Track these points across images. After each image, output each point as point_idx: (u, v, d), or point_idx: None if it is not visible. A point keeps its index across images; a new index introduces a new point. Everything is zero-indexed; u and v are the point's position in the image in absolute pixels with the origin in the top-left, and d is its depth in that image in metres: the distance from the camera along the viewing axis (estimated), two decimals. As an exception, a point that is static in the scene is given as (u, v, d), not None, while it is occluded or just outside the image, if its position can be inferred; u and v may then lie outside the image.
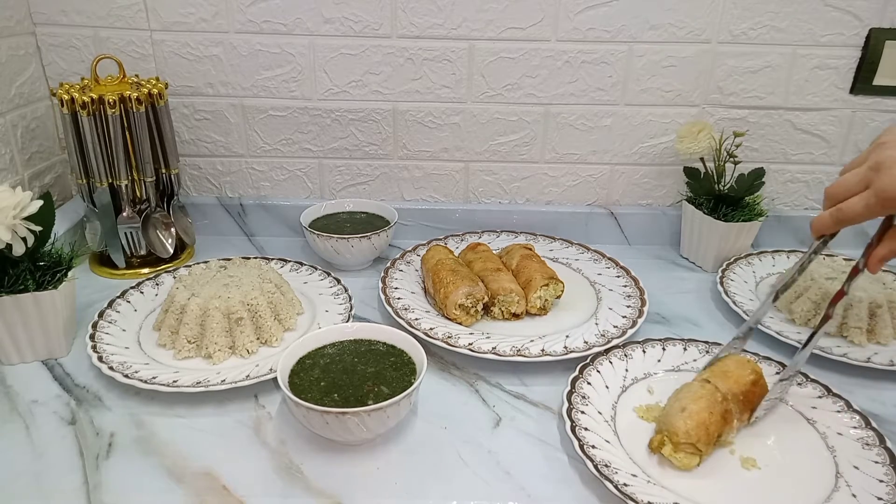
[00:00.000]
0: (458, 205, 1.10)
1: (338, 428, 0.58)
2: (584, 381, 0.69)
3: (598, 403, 0.67)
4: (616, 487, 0.54)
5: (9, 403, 0.67)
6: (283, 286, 0.82)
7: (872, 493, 0.56)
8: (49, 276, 0.72)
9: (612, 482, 0.55)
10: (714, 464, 0.60)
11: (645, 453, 0.61)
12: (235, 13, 0.96)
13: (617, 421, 0.65)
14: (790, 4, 0.96)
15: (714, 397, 0.62)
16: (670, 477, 0.58)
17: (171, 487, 0.57)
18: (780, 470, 0.60)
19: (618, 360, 0.74)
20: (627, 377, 0.72)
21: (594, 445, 0.60)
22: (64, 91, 0.85)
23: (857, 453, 0.61)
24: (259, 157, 1.06)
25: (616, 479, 0.55)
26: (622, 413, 0.67)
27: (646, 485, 0.56)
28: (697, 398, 0.62)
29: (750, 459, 0.60)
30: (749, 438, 0.64)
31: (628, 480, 0.56)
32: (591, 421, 0.64)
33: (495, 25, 0.97)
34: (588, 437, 0.61)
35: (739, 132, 0.97)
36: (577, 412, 0.64)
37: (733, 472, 0.60)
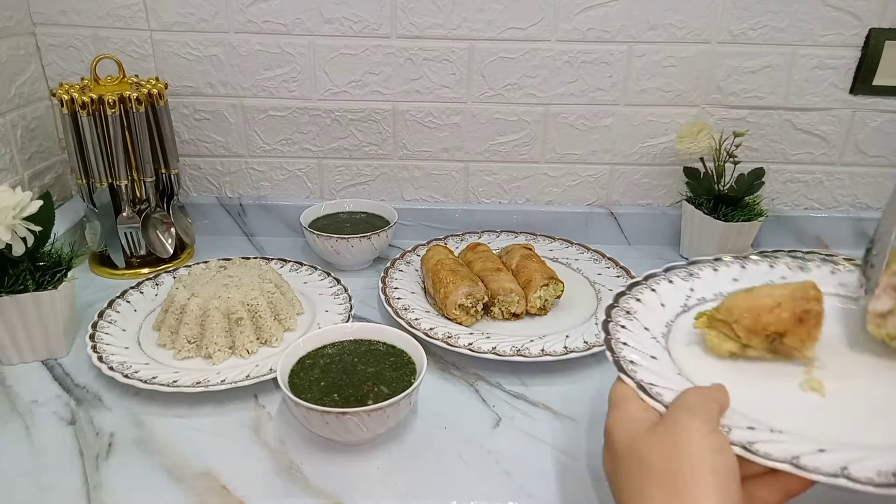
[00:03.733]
0: (458, 205, 1.10)
1: (338, 428, 0.58)
2: (632, 297, 0.56)
3: (646, 319, 0.53)
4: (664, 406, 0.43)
5: (9, 403, 0.67)
6: (283, 286, 0.82)
7: None
8: (49, 276, 0.72)
9: (661, 403, 0.44)
10: (775, 378, 0.49)
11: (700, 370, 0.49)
12: (235, 13, 0.96)
13: (670, 339, 0.53)
14: (790, 4, 0.96)
15: (802, 293, 0.49)
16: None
17: (171, 487, 0.57)
18: (851, 399, 0.46)
19: (680, 280, 0.58)
20: (692, 297, 0.57)
21: (633, 361, 0.48)
22: (64, 91, 0.85)
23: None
24: (259, 157, 1.06)
25: (664, 399, 0.44)
26: (679, 335, 0.53)
27: None
28: (777, 286, 0.51)
29: (816, 381, 0.48)
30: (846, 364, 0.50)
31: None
32: (633, 336, 0.51)
33: (495, 25, 0.97)
34: (627, 352, 0.49)
35: (739, 132, 0.97)
36: (615, 326, 0.52)
37: (789, 391, 0.48)
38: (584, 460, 0.61)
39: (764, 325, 0.48)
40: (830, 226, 1.10)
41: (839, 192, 1.10)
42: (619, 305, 0.54)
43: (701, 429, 0.39)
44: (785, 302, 0.49)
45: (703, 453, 0.38)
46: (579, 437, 0.64)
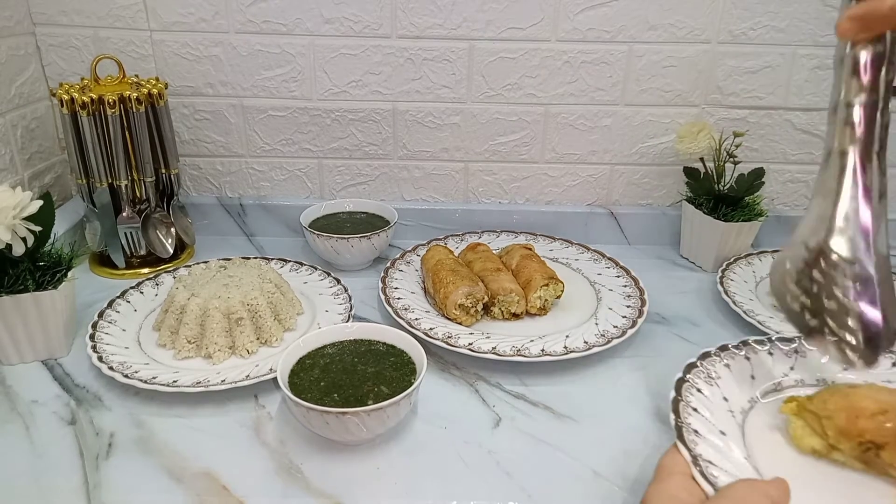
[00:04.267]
0: (458, 205, 1.10)
1: (338, 428, 0.58)
2: (721, 361, 0.51)
3: (728, 389, 0.48)
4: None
5: (9, 403, 0.67)
6: (283, 286, 0.82)
7: None
8: (49, 276, 0.72)
9: (713, 486, 0.39)
10: (861, 492, 0.44)
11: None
12: (235, 13, 0.96)
13: (749, 419, 0.48)
14: (790, 4, 0.96)
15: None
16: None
17: (171, 487, 0.57)
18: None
19: (781, 354, 0.53)
20: (790, 376, 0.52)
21: (697, 431, 0.43)
22: (64, 91, 0.85)
23: None
24: (259, 157, 1.06)
25: (717, 483, 0.39)
26: (761, 416, 0.48)
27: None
28: (887, 390, 0.46)
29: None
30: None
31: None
32: (707, 404, 0.46)
33: (495, 25, 0.97)
34: (694, 420, 0.44)
35: (739, 132, 0.97)
36: (690, 388, 0.46)
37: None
38: (584, 460, 0.61)
39: (860, 431, 0.43)
40: (830, 226, 1.10)
41: (839, 192, 1.10)
42: (702, 367, 0.49)
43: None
44: (892, 411, 0.43)
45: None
46: (579, 437, 0.64)
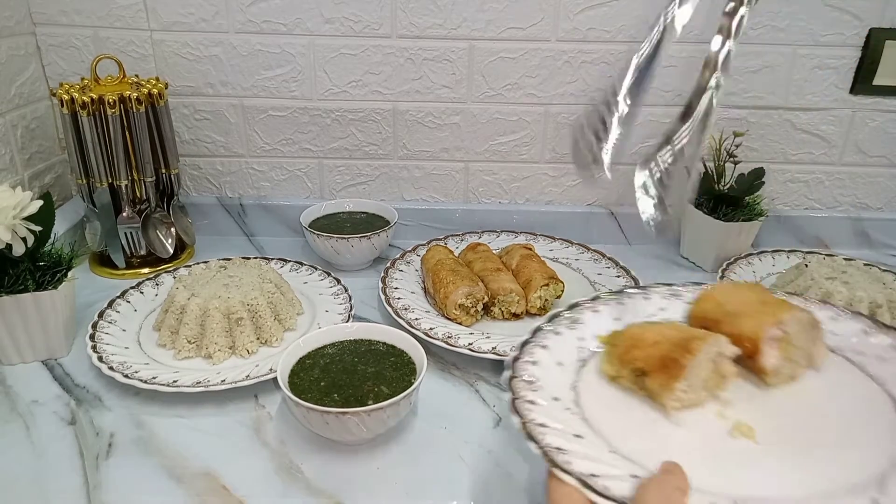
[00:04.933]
0: (458, 205, 1.10)
1: (338, 428, 0.58)
2: (527, 361, 0.49)
3: (550, 387, 0.47)
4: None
5: (9, 403, 0.67)
6: (283, 286, 0.82)
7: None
8: (49, 276, 0.72)
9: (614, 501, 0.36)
10: (700, 427, 0.45)
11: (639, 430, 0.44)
12: (235, 13, 0.96)
13: (582, 403, 0.46)
14: (790, 4, 0.96)
15: (685, 340, 0.46)
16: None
17: (171, 487, 0.57)
18: (793, 442, 0.43)
19: (566, 330, 0.53)
20: (584, 347, 0.52)
21: (560, 448, 0.40)
22: (64, 91, 0.85)
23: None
24: (259, 157, 1.06)
25: (612, 493, 0.37)
26: (587, 395, 0.47)
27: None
28: (676, 327, 0.49)
29: (743, 426, 0.44)
30: (758, 397, 0.48)
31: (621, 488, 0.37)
32: (547, 413, 0.44)
33: (495, 25, 0.97)
34: (551, 438, 0.41)
35: (739, 132, 0.97)
36: (523, 403, 0.44)
37: (722, 442, 0.44)
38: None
39: (632, 359, 0.46)
40: (830, 226, 1.10)
41: (839, 192, 1.10)
42: (518, 375, 0.47)
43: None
44: (664, 343, 0.46)
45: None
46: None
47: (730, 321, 0.48)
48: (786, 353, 0.48)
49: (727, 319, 0.49)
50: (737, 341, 0.47)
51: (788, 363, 0.48)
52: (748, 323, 0.48)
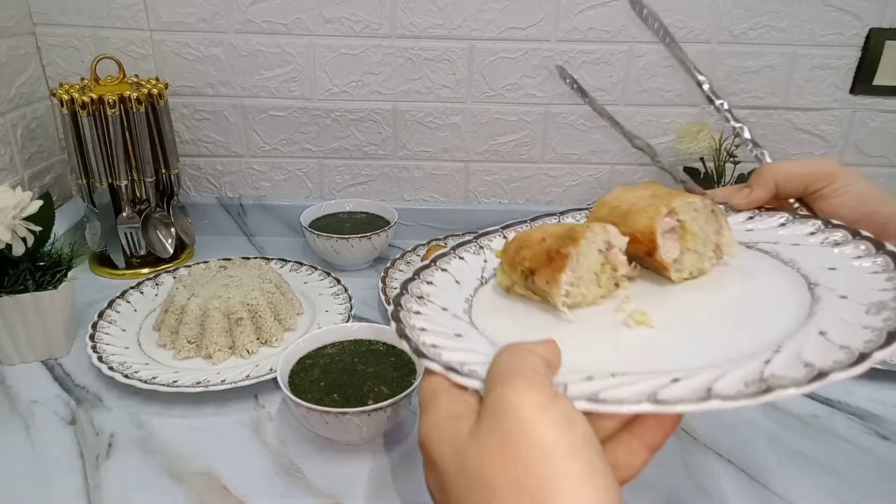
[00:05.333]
0: (458, 205, 1.10)
1: (338, 428, 0.58)
2: (422, 281, 0.46)
3: (442, 300, 0.44)
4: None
5: (9, 403, 0.67)
6: (283, 286, 0.82)
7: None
8: (49, 276, 0.72)
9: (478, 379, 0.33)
10: (596, 322, 0.42)
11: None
12: (235, 13, 0.96)
13: (474, 314, 0.44)
14: (790, 4, 0.96)
15: (570, 231, 0.43)
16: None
17: (171, 487, 0.57)
18: (693, 325, 0.41)
19: (471, 255, 0.50)
20: (487, 268, 0.49)
21: (435, 345, 0.37)
22: (64, 91, 0.85)
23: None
24: (259, 157, 1.06)
25: (480, 374, 0.34)
26: (482, 308, 0.45)
27: None
28: (562, 225, 0.45)
29: (640, 314, 0.41)
30: (663, 294, 0.45)
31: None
32: (431, 319, 0.41)
33: (495, 25, 0.97)
34: (427, 337, 0.38)
35: (739, 132, 0.97)
36: (407, 313, 0.41)
37: (616, 332, 0.41)
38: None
39: (521, 259, 0.43)
40: (830, 226, 1.10)
41: (839, 192, 1.10)
42: (409, 292, 0.44)
43: (535, 404, 0.29)
44: (549, 238, 0.42)
45: (548, 440, 0.28)
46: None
47: (623, 222, 0.45)
48: (686, 244, 0.44)
49: (621, 220, 0.45)
50: (634, 240, 0.44)
51: (692, 255, 0.45)
52: (640, 218, 0.44)
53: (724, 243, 0.46)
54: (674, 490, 0.59)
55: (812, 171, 0.48)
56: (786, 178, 0.49)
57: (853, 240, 0.42)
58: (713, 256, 0.46)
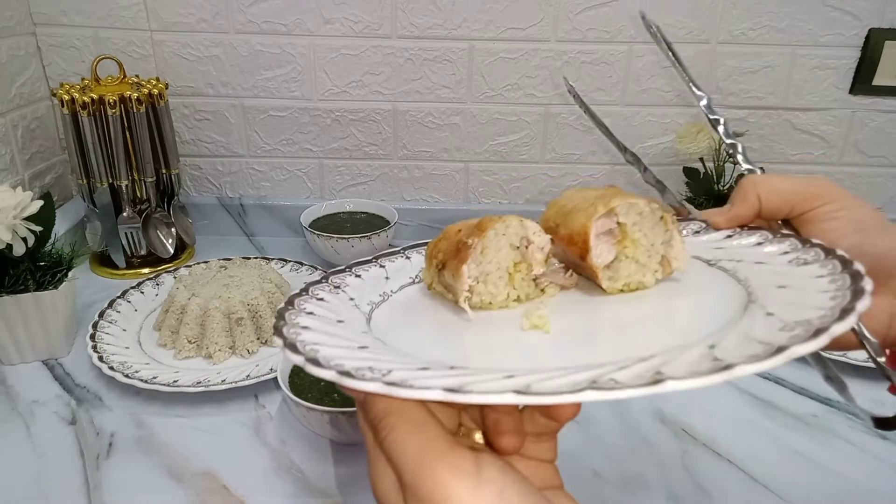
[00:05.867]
0: (458, 205, 1.10)
1: (338, 428, 0.58)
2: (352, 274, 0.43)
3: (355, 291, 0.41)
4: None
5: (9, 403, 0.67)
6: (284, 286, 0.82)
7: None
8: (49, 276, 0.72)
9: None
10: (495, 326, 0.38)
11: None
12: (235, 13, 0.96)
13: (376, 311, 0.40)
14: (790, 4, 0.96)
15: (485, 222, 0.38)
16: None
17: (172, 487, 0.57)
18: (596, 331, 0.37)
19: (417, 255, 0.46)
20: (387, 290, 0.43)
21: (307, 327, 0.35)
22: (64, 91, 0.85)
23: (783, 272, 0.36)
24: (259, 157, 1.06)
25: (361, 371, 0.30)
26: (392, 301, 0.41)
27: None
28: (488, 219, 0.40)
29: (537, 317, 0.36)
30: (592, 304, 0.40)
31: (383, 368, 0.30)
32: (326, 307, 0.38)
33: (495, 25, 0.97)
34: (308, 336, 0.34)
35: (739, 132, 0.97)
36: (306, 300, 0.38)
37: (507, 333, 0.37)
38: (584, 460, 0.61)
39: (436, 252, 0.39)
40: (830, 226, 1.10)
41: (839, 192, 1.10)
42: (328, 282, 0.41)
43: (464, 492, 0.28)
44: (464, 229, 0.39)
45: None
46: (579, 436, 0.64)
47: (564, 222, 0.40)
48: (625, 250, 0.39)
49: (563, 220, 0.40)
50: (570, 243, 0.39)
51: (631, 263, 0.39)
52: (578, 217, 0.39)
53: (674, 256, 0.40)
54: (674, 490, 0.59)
55: (801, 189, 0.42)
56: (769, 193, 0.42)
57: (824, 258, 0.35)
58: (659, 269, 0.40)
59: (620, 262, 0.39)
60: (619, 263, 0.39)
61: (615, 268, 0.39)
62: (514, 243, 0.39)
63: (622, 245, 0.39)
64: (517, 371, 0.28)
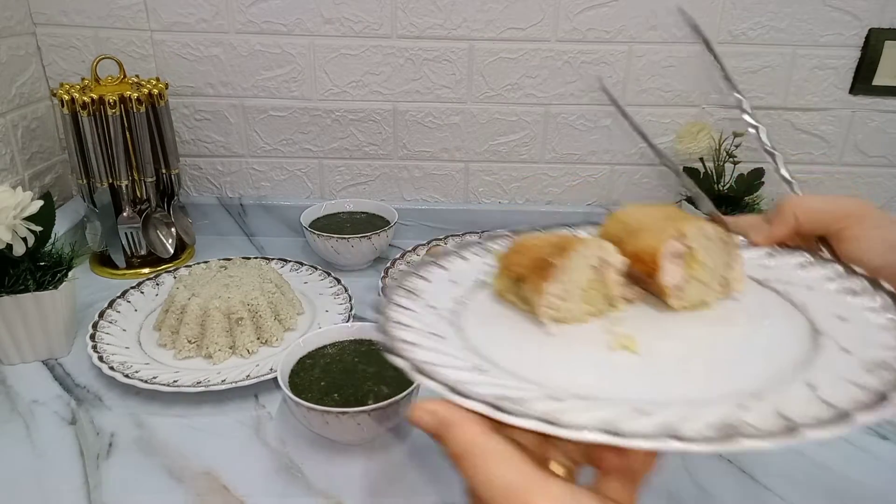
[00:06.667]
0: (458, 205, 1.10)
1: (338, 428, 0.58)
2: (416, 276, 0.45)
3: (432, 296, 0.43)
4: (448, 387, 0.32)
5: (9, 403, 0.67)
6: (284, 286, 0.82)
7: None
8: (49, 276, 0.72)
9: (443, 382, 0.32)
10: (583, 343, 0.40)
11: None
12: (235, 13, 0.96)
13: (463, 314, 0.42)
14: (790, 4, 0.96)
15: (562, 240, 0.42)
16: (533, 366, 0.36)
17: (171, 487, 0.57)
18: (680, 355, 0.39)
19: (475, 256, 0.49)
20: (489, 270, 0.47)
21: (413, 342, 0.36)
22: (64, 91, 0.85)
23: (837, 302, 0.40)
24: (259, 157, 1.06)
25: (443, 376, 0.33)
26: (472, 305, 0.44)
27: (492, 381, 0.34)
28: (558, 236, 0.44)
29: (625, 338, 0.39)
30: (659, 320, 0.42)
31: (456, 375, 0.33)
32: (416, 317, 0.40)
33: (495, 25, 0.97)
34: (406, 334, 0.37)
35: (739, 132, 0.97)
36: (394, 308, 0.40)
37: (594, 351, 0.39)
38: (584, 460, 0.61)
39: (512, 265, 0.42)
40: (830, 226, 1.10)
41: (839, 192, 1.10)
42: (401, 285, 0.43)
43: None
44: (544, 246, 0.41)
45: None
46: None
47: (630, 239, 0.43)
48: (691, 272, 0.42)
49: (628, 238, 0.43)
50: (637, 260, 0.42)
51: (697, 285, 0.42)
52: (647, 238, 0.42)
53: (734, 278, 0.43)
54: (674, 490, 0.59)
55: (837, 208, 0.45)
56: (807, 213, 0.46)
57: (872, 290, 0.40)
58: (720, 290, 0.43)
59: (687, 282, 0.42)
60: (685, 283, 0.42)
61: (682, 287, 0.42)
62: (593, 264, 0.41)
63: (689, 266, 0.42)
64: (646, 404, 0.31)
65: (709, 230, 0.42)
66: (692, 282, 0.42)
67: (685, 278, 0.42)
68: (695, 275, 0.42)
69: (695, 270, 0.42)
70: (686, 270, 0.42)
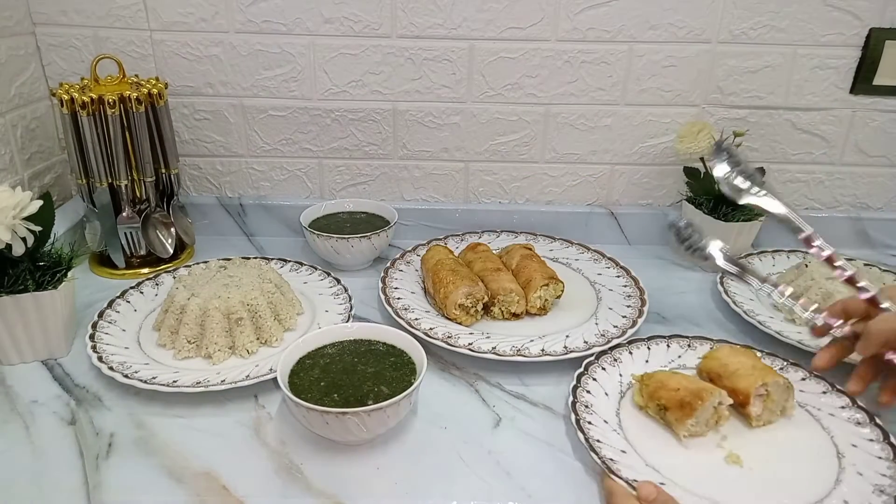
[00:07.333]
0: (458, 205, 1.10)
1: (338, 428, 0.58)
2: (583, 389, 0.69)
3: (602, 411, 0.66)
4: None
5: (9, 403, 0.67)
6: (283, 286, 0.82)
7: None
8: (49, 276, 0.72)
9: None
10: (706, 452, 0.63)
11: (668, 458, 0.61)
12: (235, 13, 0.96)
13: (624, 426, 0.65)
14: (790, 4, 0.96)
15: (698, 390, 0.63)
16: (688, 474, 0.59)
17: (171, 487, 0.57)
18: (766, 470, 0.60)
19: (609, 366, 0.73)
20: (623, 381, 0.71)
21: (612, 458, 0.59)
22: (64, 91, 0.85)
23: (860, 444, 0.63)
24: (259, 157, 1.06)
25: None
26: (627, 417, 0.67)
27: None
28: (690, 379, 0.66)
29: (734, 455, 0.62)
30: (746, 434, 0.65)
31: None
32: (600, 432, 0.63)
33: (495, 25, 0.97)
34: (604, 450, 0.60)
35: (739, 132, 0.97)
36: (585, 423, 0.63)
37: (716, 463, 0.61)
38: (585, 460, 0.61)
39: (658, 397, 0.64)
40: (830, 226, 1.10)
41: (839, 192, 1.10)
42: (578, 400, 0.66)
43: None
44: (683, 390, 0.63)
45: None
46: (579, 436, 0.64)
47: (729, 377, 0.67)
48: (767, 405, 0.65)
49: (727, 375, 0.67)
50: (732, 393, 0.64)
51: (768, 412, 0.66)
52: (743, 381, 0.65)
53: (788, 407, 0.66)
54: (674, 490, 0.59)
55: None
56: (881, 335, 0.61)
57: (869, 423, 0.64)
58: (780, 414, 0.66)
59: (763, 410, 0.65)
60: (762, 411, 0.65)
61: (760, 414, 0.65)
62: (715, 404, 0.63)
63: (766, 403, 0.65)
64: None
65: (781, 382, 0.65)
66: (766, 410, 0.65)
67: (763, 408, 0.65)
68: (769, 407, 0.65)
69: (769, 405, 0.65)
70: (764, 404, 0.65)
